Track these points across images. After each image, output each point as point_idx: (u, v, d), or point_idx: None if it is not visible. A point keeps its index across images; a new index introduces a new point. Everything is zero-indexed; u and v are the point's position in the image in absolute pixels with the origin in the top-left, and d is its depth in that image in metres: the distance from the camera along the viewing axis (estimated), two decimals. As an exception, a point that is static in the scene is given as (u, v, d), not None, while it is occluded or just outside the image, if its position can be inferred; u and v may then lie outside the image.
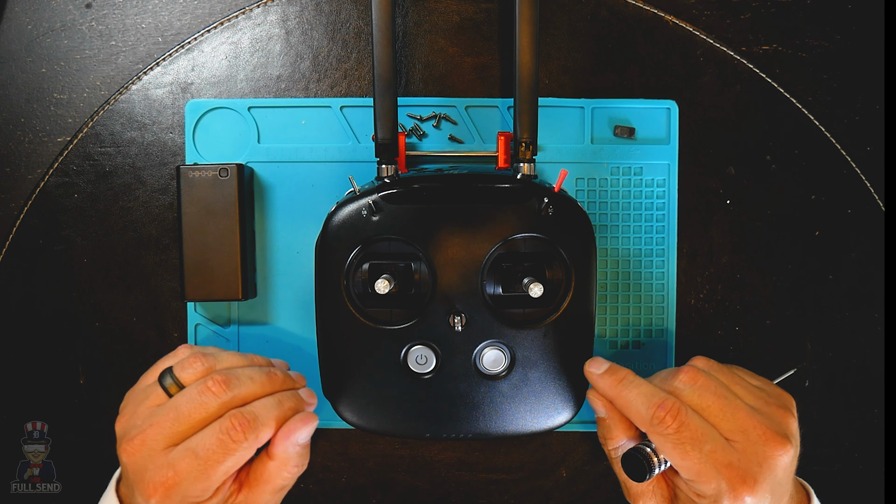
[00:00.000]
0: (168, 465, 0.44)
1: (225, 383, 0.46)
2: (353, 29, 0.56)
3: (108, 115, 0.57)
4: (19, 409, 0.57)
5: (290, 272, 0.57)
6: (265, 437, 0.45)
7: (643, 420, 0.45)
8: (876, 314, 0.57)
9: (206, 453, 0.44)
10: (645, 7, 0.56)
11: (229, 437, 0.44)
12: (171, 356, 0.50)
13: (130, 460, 0.45)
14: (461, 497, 0.58)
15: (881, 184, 0.57)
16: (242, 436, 0.44)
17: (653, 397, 0.45)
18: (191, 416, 0.45)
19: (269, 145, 0.56)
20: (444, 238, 0.50)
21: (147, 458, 0.44)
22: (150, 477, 0.44)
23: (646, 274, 0.57)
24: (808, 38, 0.57)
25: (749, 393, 0.47)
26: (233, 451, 0.44)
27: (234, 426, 0.44)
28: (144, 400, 0.47)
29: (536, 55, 0.52)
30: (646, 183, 0.57)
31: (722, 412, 0.45)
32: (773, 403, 0.47)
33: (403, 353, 0.51)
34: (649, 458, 0.45)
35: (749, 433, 0.44)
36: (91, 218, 0.57)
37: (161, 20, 0.57)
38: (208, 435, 0.44)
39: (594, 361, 0.50)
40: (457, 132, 0.57)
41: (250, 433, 0.44)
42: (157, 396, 0.47)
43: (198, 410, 0.45)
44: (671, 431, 0.44)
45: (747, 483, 0.43)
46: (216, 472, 0.44)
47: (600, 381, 0.49)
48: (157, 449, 0.44)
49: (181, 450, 0.44)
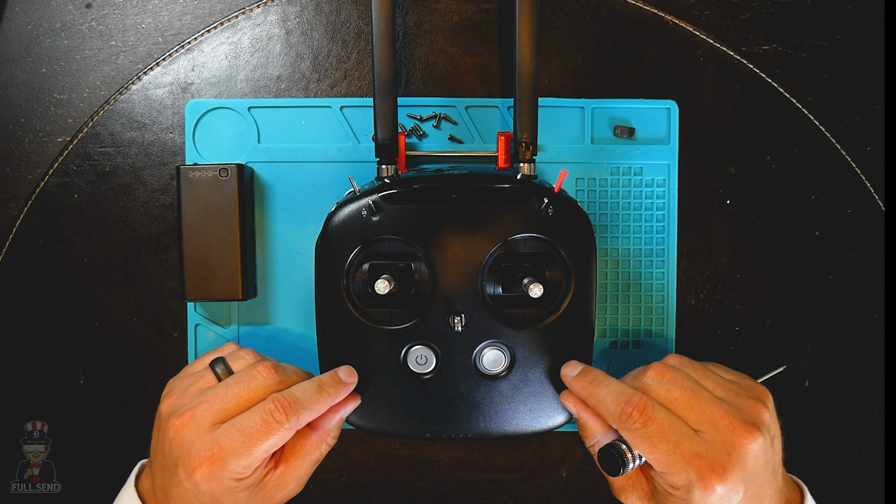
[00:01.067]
0: (214, 441, 0.45)
1: (274, 368, 0.48)
2: (353, 29, 0.56)
3: (108, 115, 0.57)
4: (19, 409, 0.57)
5: (290, 272, 0.57)
6: (305, 420, 0.47)
7: (613, 417, 0.46)
8: (876, 314, 0.57)
9: (250, 431, 0.45)
10: (645, 7, 0.56)
11: (272, 417, 0.46)
12: (220, 349, 0.53)
13: (178, 435, 0.46)
14: (461, 497, 0.58)
15: (881, 184, 0.57)
16: (284, 417, 0.46)
17: (621, 395, 0.46)
18: (239, 396, 0.47)
19: (269, 145, 0.56)
20: (444, 238, 0.50)
21: (194, 434, 0.46)
22: (197, 451, 0.45)
23: (646, 274, 0.57)
24: (808, 38, 0.57)
25: (719, 386, 0.48)
26: (275, 431, 0.46)
27: (277, 408, 0.46)
28: (194, 383, 0.49)
29: (536, 55, 0.52)
30: (646, 183, 0.57)
31: (689, 404, 0.46)
32: (743, 395, 0.47)
33: (403, 353, 0.51)
34: (623, 454, 0.46)
35: (716, 423, 0.45)
36: (91, 218, 0.57)
37: (161, 20, 0.57)
38: (253, 414, 0.46)
39: (569, 365, 0.51)
40: (457, 132, 0.57)
41: (291, 415, 0.46)
42: (207, 380, 0.49)
43: (246, 392, 0.47)
44: (638, 426, 0.45)
45: (716, 472, 0.44)
46: (258, 449, 0.45)
47: (574, 383, 0.50)
48: (205, 425, 0.46)
49: (227, 426, 0.46)
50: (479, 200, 0.50)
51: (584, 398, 0.49)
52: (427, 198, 0.50)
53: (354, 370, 0.51)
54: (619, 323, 0.57)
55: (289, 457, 0.49)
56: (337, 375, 0.50)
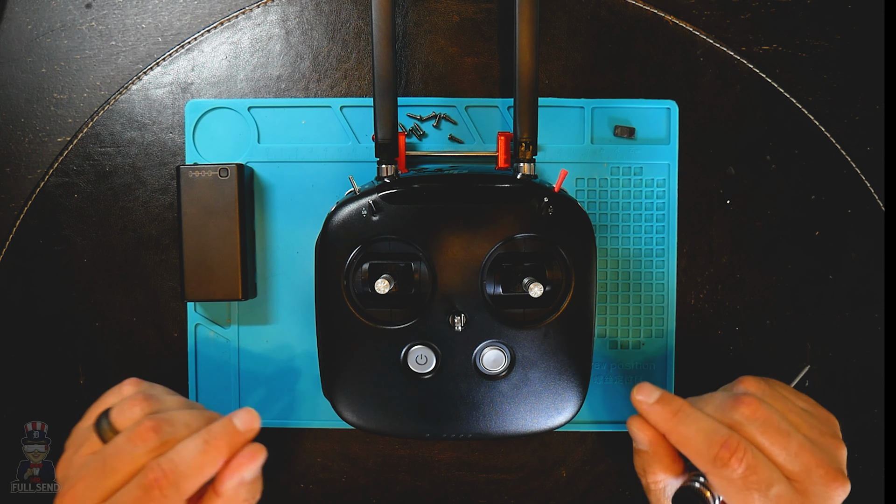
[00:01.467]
0: None
1: (154, 430, 0.42)
2: (353, 29, 0.56)
3: (108, 115, 0.57)
4: (19, 409, 0.57)
5: (290, 272, 0.57)
6: (191, 487, 0.41)
7: (704, 459, 0.42)
8: (876, 314, 0.57)
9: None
10: (645, 7, 0.56)
11: (148, 494, 0.40)
12: (115, 391, 0.47)
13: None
14: (461, 497, 0.58)
15: (881, 184, 0.57)
16: (160, 492, 0.40)
17: (714, 434, 0.42)
18: (117, 470, 0.41)
19: (269, 145, 0.56)
20: (444, 238, 0.50)
21: None
22: None
23: (646, 274, 0.57)
24: (808, 38, 0.57)
25: (803, 421, 0.45)
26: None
27: (152, 482, 0.40)
28: (81, 445, 0.44)
29: (536, 55, 0.52)
30: (646, 183, 0.57)
31: (786, 451, 0.42)
32: (826, 433, 0.45)
33: (403, 353, 0.51)
34: (706, 501, 0.43)
35: (812, 473, 0.42)
36: (91, 218, 0.57)
37: (161, 20, 0.57)
38: (130, 491, 0.41)
39: (643, 388, 0.45)
40: (457, 132, 0.57)
41: (169, 488, 0.40)
42: (93, 443, 0.44)
43: (125, 463, 0.42)
44: (738, 476, 0.41)
45: None
46: None
47: (652, 413, 0.45)
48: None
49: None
50: (479, 200, 0.50)
51: (664, 431, 0.44)
52: (427, 198, 0.50)
53: (256, 413, 0.44)
54: (619, 323, 0.57)
55: None
56: (231, 424, 0.43)
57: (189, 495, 0.42)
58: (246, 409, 0.44)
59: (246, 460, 0.43)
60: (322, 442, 0.58)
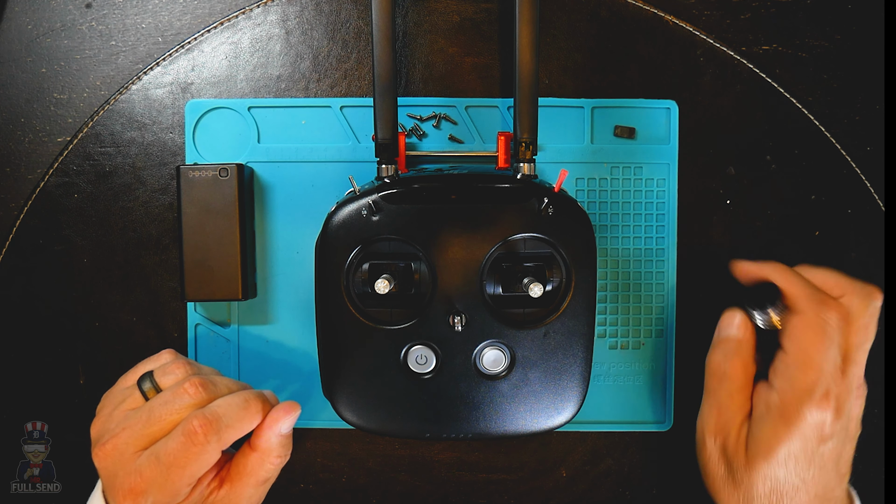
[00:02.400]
0: (136, 471, 0.42)
1: (202, 385, 0.45)
2: (353, 29, 0.56)
3: (108, 115, 0.57)
4: (19, 409, 0.57)
5: (290, 272, 0.57)
6: (231, 437, 0.44)
7: (806, 298, 0.47)
8: (876, 314, 0.57)
9: (168, 458, 0.42)
10: (645, 7, 0.56)
11: (191, 440, 0.42)
12: (153, 359, 0.49)
13: (103, 465, 0.44)
14: (461, 497, 0.58)
15: (881, 184, 0.57)
16: (204, 437, 0.42)
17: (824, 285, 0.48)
18: (162, 419, 0.44)
19: (269, 145, 0.56)
20: (444, 238, 0.50)
21: (118, 464, 0.43)
22: (120, 483, 0.43)
23: (646, 274, 0.57)
24: (808, 38, 0.57)
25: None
26: (196, 455, 0.42)
27: (196, 428, 0.42)
28: (121, 403, 0.46)
29: (536, 55, 0.52)
30: (646, 183, 0.57)
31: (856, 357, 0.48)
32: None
33: (403, 353, 0.51)
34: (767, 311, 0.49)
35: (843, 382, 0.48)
36: (91, 218, 0.57)
37: (161, 20, 0.57)
38: (172, 438, 0.43)
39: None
40: (457, 132, 0.57)
41: (212, 434, 0.43)
42: (134, 400, 0.46)
43: (170, 413, 0.44)
44: (833, 322, 0.46)
45: (837, 405, 0.46)
46: (181, 477, 0.42)
47: (767, 265, 0.50)
48: (128, 453, 0.43)
49: (147, 455, 0.43)
50: (479, 200, 0.50)
51: (778, 272, 0.49)
52: (427, 198, 0.50)
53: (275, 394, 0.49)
54: (619, 323, 0.57)
55: (233, 476, 0.46)
56: (263, 392, 0.47)
57: (227, 446, 0.44)
58: (269, 391, 0.49)
59: (283, 413, 0.46)
60: (322, 442, 0.58)
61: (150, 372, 0.47)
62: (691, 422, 0.53)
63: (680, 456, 0.58)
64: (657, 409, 0.58)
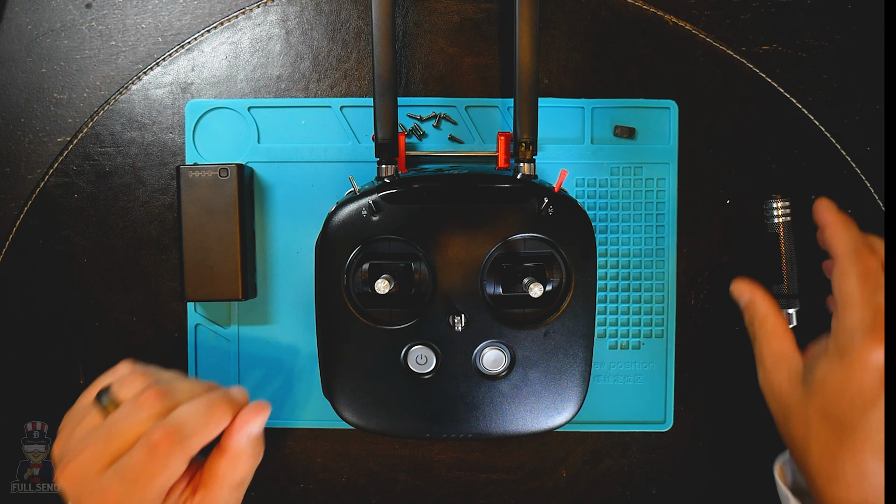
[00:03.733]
0: (101, 490, 0.41)
1: (160, 394, 0.43)
2: (353, 29, 0.56)
3: (108, 115, 0.57)
4: (19, 409, 0.57)
5: (290, 272, 0.57)
6: (197, 445, 0.42)
7: (848, 246, 0.47)
8: (876, 314, 0.57)
9: (132, 474, 0.41)
10: (645, 7, 0.56)
11: (154, 452, 0.41)
12: (110, 373, 0.48)
13: (67, 487, 0.42)
14: (461, 497, 0.58)
15: (881, 184, 0.57)
16: (168, 448, 0.41)
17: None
18: (123, 434, 0.42)
19: (269, 145, 0.56)
20: (444, 238, 0.50)
21: (82, 485, 0.41)
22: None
23: (646, 274, 0.57)
24: (808, 38, 0.57)
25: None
26: (160, 467, 0.41)
27: (157, 440, 0.41)
28: (81, 421, 0.45)
29: (536, 55, 0.52)
30: (646, 183, 0.57)
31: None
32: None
33: (403, 353, 0.51)
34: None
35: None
36: (91, 218, 0.57)
37: (161, 20, 0.57)
38: (135, 453, 0.41)
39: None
40: (457, 132, 0.57)
41: (175, 444, 0.41)
42: (94, 417, 0.44)
43: (131, 427, 0.42)
44: (874, 267, 0.46)
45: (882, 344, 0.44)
46: (149, 491, 0.41)
47: (831, 209, 0.50)
48: (92, 473, 0.41)
49: (111, 472, 0.41)
50: (478, 200, 0.50)
51: (831, 221, 0.49)
52: (427, 198, 0.50)
53: (246, 390, 0.47)
54: (619, 323, 0.57)
55: (206, 482, 0.44)
56: (230, 391, 0.46)
57: (193, 454, 0.42)
58: (238, 387, 0.47)
59: (252, 415, 0.45)
60: (322, 442, 0.58)
61: (108, 387, 0.45)
62: (691, 422, 0.53)
63: (680, 456, 0.58)
64: (657, 409, 0.58)
